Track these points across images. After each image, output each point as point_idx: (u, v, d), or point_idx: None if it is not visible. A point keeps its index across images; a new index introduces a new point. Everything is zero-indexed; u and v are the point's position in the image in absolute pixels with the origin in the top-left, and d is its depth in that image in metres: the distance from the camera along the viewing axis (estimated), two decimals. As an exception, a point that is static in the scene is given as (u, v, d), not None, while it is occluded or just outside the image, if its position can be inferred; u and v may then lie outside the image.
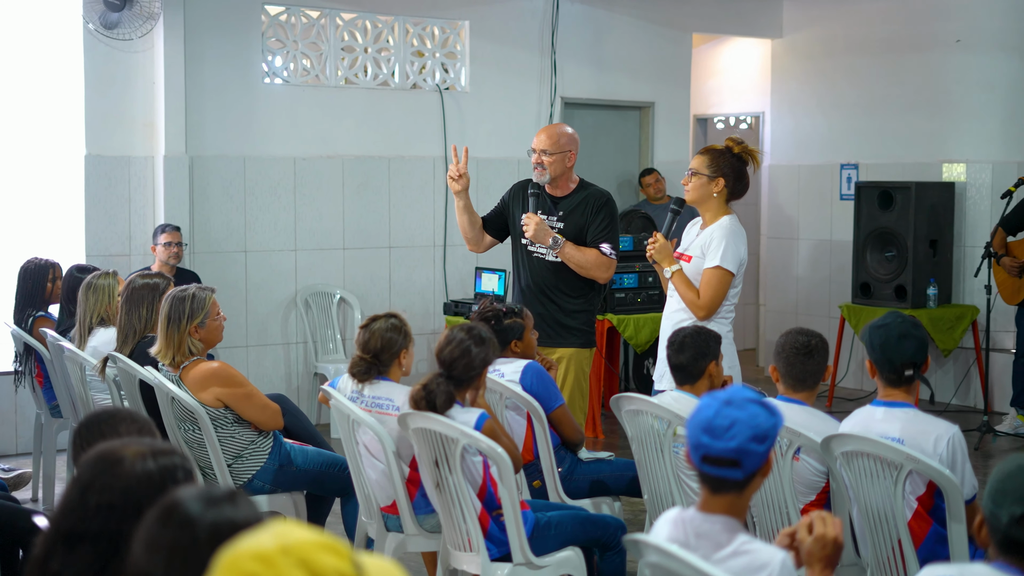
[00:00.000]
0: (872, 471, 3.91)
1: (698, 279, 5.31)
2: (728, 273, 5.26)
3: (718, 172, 5.35)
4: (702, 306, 5.27)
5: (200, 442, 5.01)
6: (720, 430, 2.79)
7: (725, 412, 2.80)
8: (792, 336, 4.34)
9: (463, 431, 4.11)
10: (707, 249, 5.32)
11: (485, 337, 4.35)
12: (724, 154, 5.39)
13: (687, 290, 5.30)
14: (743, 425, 2.77)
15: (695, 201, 5.42)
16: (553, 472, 4.97)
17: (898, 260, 9.44)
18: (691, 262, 5.37)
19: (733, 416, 2.78)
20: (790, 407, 4.27)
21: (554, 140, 5.87)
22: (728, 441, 2.77)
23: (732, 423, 2.78)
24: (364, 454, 4.64)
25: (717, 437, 2.79)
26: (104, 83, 8.10)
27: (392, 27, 9.13)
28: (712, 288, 5.26)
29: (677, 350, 4.60)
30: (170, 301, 5.06)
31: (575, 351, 5.91)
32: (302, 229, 8.84)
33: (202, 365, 5.03)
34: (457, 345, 4.31)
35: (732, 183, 5.39)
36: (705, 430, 2.81)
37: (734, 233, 5.31)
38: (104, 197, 8.12)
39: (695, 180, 5.37)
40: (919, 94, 10.05)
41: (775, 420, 2.82)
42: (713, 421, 2.81)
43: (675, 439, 4.54)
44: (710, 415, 2.82)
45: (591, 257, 5.81)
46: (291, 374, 8.90)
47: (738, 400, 2.82)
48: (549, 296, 5.92)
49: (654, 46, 10.34)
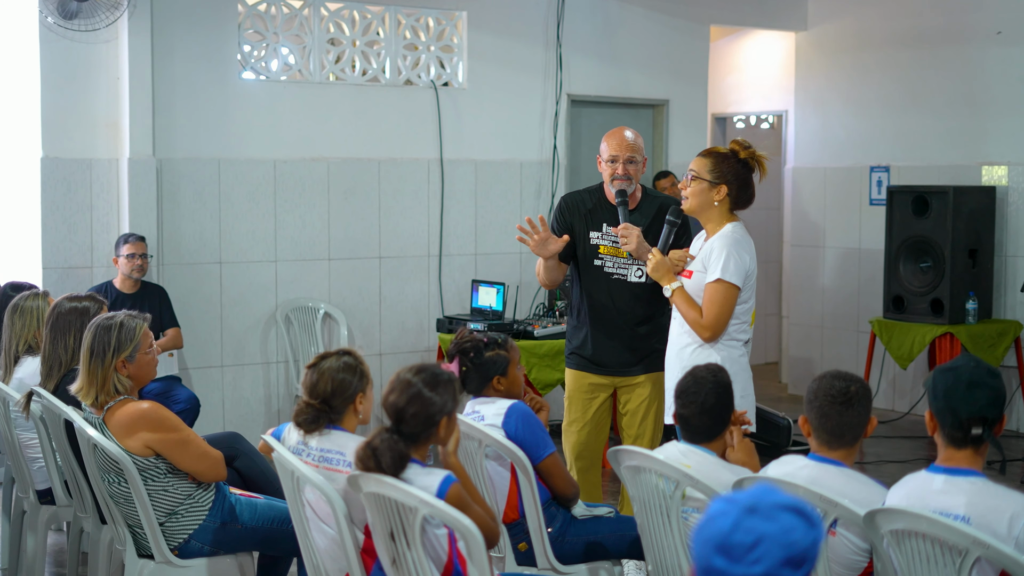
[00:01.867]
0: (929, 555, 3.13)
1: (699, 297, 4.70)
2: (732, 287, 4.63)
3: (721, 178, 4.71)
4: (706, 326, 4.65)
5: (127, 496, 4.27)
6: (740, 550, 1.98)
7: (747, 524, 1.98)
8: (827, 381, 3.57)
9: (422, 499, 3.35)
10: (708, 262, 4.68)
11: (443, 379, 3.55)
12: (729, 158, 4.74)
13: (689, 309, 4.69)
14: (772, 543, 1.96)
15: (694, 209, 4.76)
16: (542, 533, 4.22)
17: (934, 271, 8.67)
18: (692, 278, 4.75)
19: (759, 531, 1.97)
20: (825, 469, 3.51)
21: (639, 144, 5.29)
22: (751, 566, 1.96)
23: (757, 540, 1.96)
24: (311, 517, 3.89)
25: (736, 559, 1.97)
26: (62, 78, 7.37)
27: (383, 18, 8.38)
28: (716, 305, 4.63)
29: (697, 411, 3.84)
30: (93, 331, 4.32)
31: (657, 376, 5.26)
32: (283, 238, 8.09)
33: (129, 406, 4.28)
34: (403, 390, 3.52)
35: (736, 191, 4.74)
36: (720, 549, 1.99)
37: (737, 242, 4.67)
38: (63, 203, 7.40)
39: (695, 185, 4.72)
40: (956, 91, 9.27)
41: (815, 534, 2.00)
42: (731, 537, 1.98)
43: (685, 502, 3.77)
44: (725, 528, 2.00)
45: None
46: (271, 396, 8.16)
47: (765, 507, 2.00)
48: (633, 319, 5.32)
49: (669, 39, 9.57)
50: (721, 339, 4.69)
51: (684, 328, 4.75)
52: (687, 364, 4.42)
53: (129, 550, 4.36)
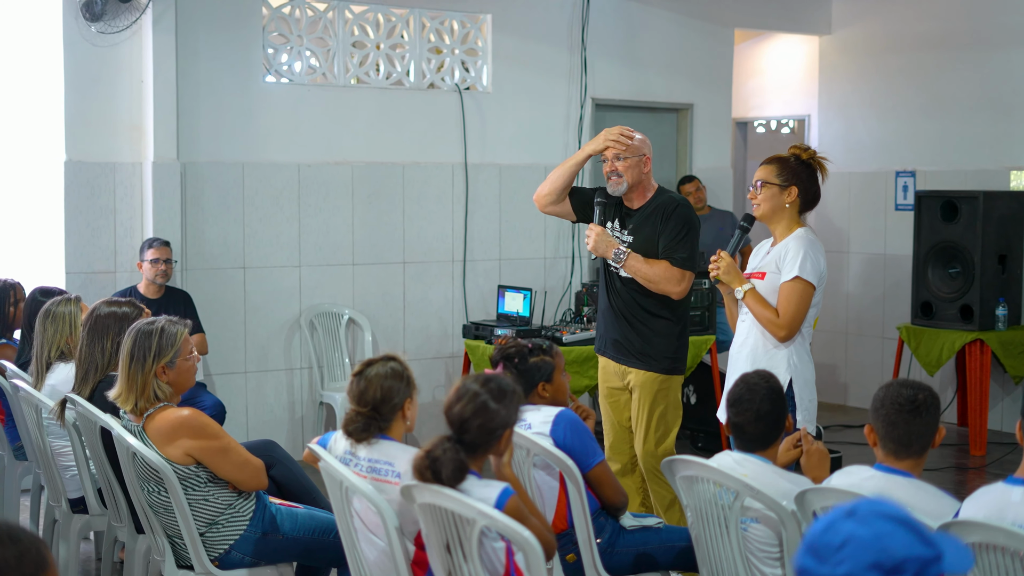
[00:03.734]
0: (1008, 569, 3.04)
1: (772, 298, 4.70)
2: (809, 285, 4.67)
3: (789, 180, 4.78)
4: (783, 324, 4.64)
5: (167, 506, 4.18)
6: (828, 550, 1.91)
7: (840, 526, 1.92)
8: (894, 389, 3.48)
9: (481, 510, 3.26)
10: (783, 263, 4.71)
11: (508, 391, 3.48)
12: (792, 161, 4.82)
13: (764, 309, 4.68)
14: (860, 546, 1.88)
15: (766, 215, 4.80)
16: (591, 544, 4.12)
17: (963, 277, 8.56)
18: (766, 279, 4.76)
19: (849, 532, 1.90)
20: (893, 480, 3.42)
21: (635, 145, 5.32)
22: (836, 566, 1.89)
23: (845, 541, 1.89)
24: (360, 528, 3.80)
25: (822, 559, 1.91)
26: (86, 81, 7.29)
27: (407, 21, 8.30)
28: (793, 304, 4.64)
29: (752, 419, 3.75)
30: (134, 336, 4.23)
31: (647, 377, 5.30)
32: (307, 243, 8.00)
33: (169, 413, 4.19)
34: (469, 401, 3.44)
35: (804, 192, 4.80)
36: (810, 549, 1.93)
37: (812, 243, 4.74)
38: (86, 208, 7.31)
39: (765, 191, 4.76)
40: (983, 94, 9.18)
41: (922, 552, 1.89)
42: (821, 537, 1.92)
43: (744, 513, 3.68)
44: (819, 529, 1.95)
45: (659, 269, 5.22)
46: (295, 403, 8.06)
47: (864, 512, 1.92)
48: (627, 318, 5.34)
49: (693, 43, 9.49)
50: (795, 339, 4.68)
51: (756, 328, 4.74)
52: (760, 364, 4.43)
53: (168, 561, 4.27)
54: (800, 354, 4.70)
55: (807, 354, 4.76)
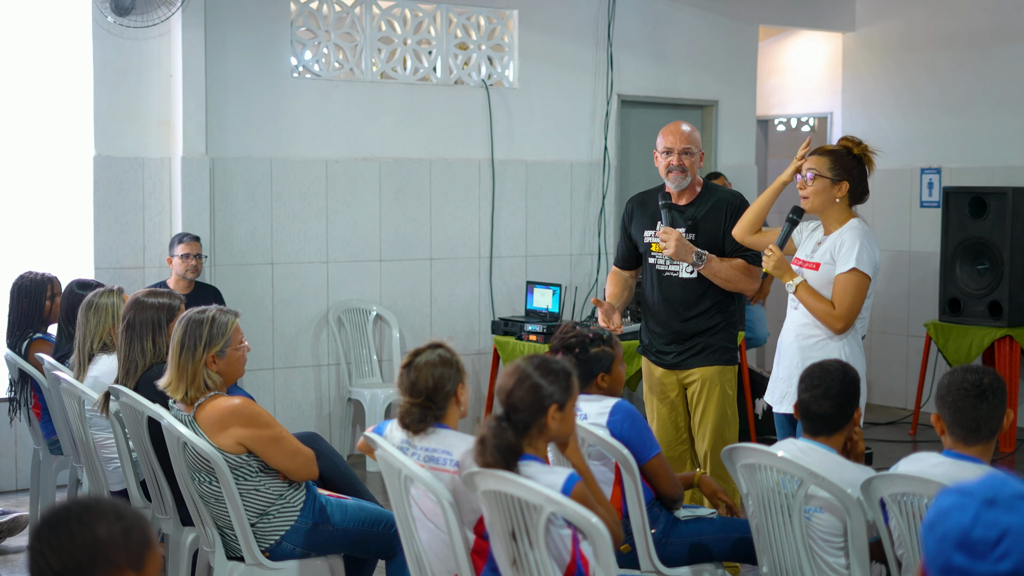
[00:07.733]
0: None
1: (826, 289, 4.65)
2: (865, 277, 4.62)
3: (842, 175, 4.70)
4: (840, 316, 4.60)
5: (218, 496, 4.14)
6: (984, 545, 1.82)
7: (989, 518, 1.82)
8: (959, 375, 3.44)
9: (549, 496, 3.22)
10: (838, 253, 4.64)
11: (556, 368, 3.44)
12: (844, 155, 4.74)
13: (818, 302, 4.63)
14: (1019, 536, 1.80)
15: (817, 208, 4.74)
16: (646, 534, 4.09)
17: (992, 273, 8.53)
18: (819, 270, 4.69)
19: (1003, 523, 1.81)
20: (962, 466, 3.38)
21: (695, 137, 5.32)
22: (997, 562, 1.80)
23: (1002, 534, 1.81)
24: (419, 516, 3.76)
25: (980, 556, 1.81)
26: (115, 76, 7.26)
27: (434, 16, 8.27)
28: (850, 295, 4.59)
29: (820, 395, 3.71)
30: (185, 324, 4.20)
31: (717, 370, 5.32)
32: (334, 239, 7.98)
33: (220, 402, 4.16)
34: (514, 374, 3.43)
35: (855, 186, 4.73)
36: (960, 545, 1.83)
37: (867, 234, 4.68)
38: (115, 203, 7.29)
39: (817, 183, 4.69)
40: (1009, 91, 9.15)
41: None
42: (972, 532, 1.83)
43: (807, 501, 3.65)
44: (965, 523, 1.84)
45: (739, 268, 5.26)
46: (322, 399, 8.03)
47: (1005, 498, 1.84)
48: (682, 315, 5.32)
49: (718, 40, 9.46)
50: (850, 332, 4.62)
51: (808, 320, 4.69)
52: (813, 357, 4.34)
53: (218, 552, 4.24)
54: (852, 346, 4.66)
55: (859, 346, 4.72)
